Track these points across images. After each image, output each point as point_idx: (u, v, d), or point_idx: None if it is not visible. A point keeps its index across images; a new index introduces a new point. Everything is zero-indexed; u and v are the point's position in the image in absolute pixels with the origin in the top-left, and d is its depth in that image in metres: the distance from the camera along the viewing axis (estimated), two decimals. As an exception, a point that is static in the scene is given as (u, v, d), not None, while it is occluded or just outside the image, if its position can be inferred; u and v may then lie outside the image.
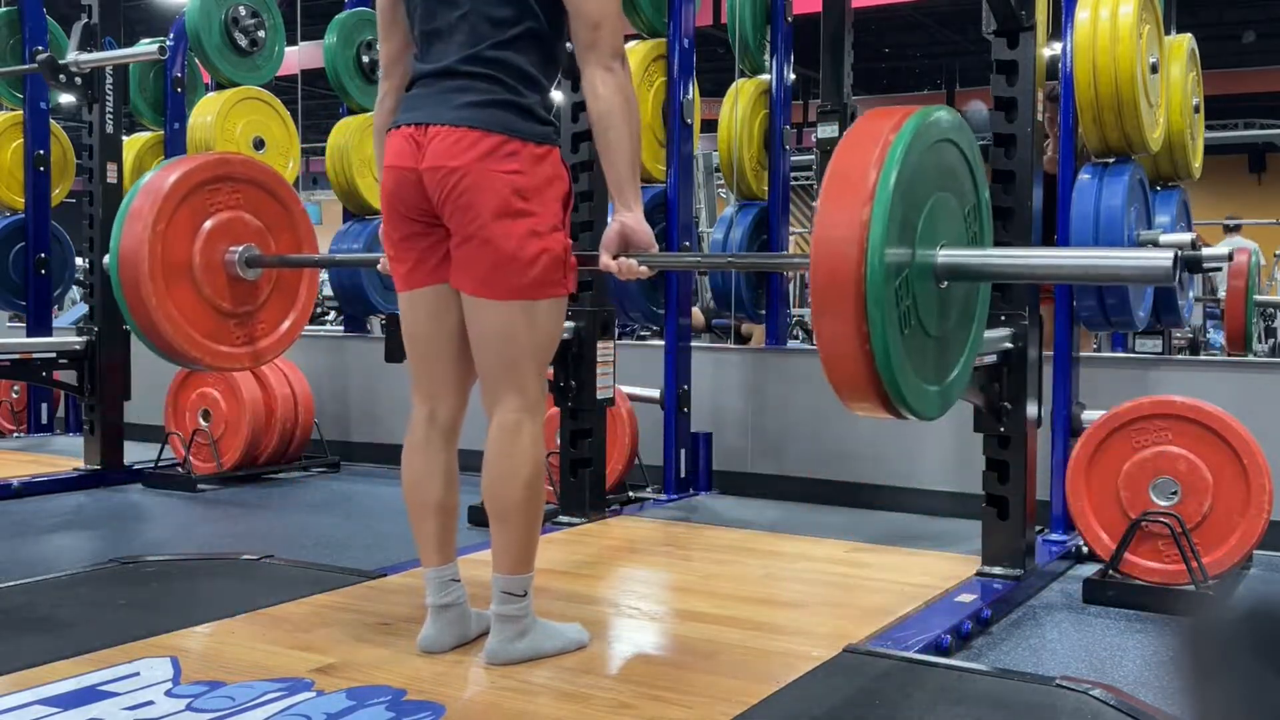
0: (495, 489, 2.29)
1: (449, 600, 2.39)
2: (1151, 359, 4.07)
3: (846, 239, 1.86)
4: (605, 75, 2.25)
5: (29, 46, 5.80)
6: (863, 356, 1.86)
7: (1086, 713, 2.11)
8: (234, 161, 2.93)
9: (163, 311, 2.72)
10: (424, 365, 2.41)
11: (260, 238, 2.92)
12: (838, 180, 1.92)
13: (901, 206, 1.90)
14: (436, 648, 2.38)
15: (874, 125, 1.96)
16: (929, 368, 2.03)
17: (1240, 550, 3.09)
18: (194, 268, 2.79)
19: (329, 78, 5.79)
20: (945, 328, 2.08)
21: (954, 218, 2.10)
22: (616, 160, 2.28)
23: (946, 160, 2.08)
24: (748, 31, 5.08)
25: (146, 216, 2.71)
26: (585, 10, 2.25)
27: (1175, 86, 3.89)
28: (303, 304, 3.06)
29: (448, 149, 2.22)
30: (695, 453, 4.47)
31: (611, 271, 2.32)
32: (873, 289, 1.83)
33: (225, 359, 2.88)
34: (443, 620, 2.39)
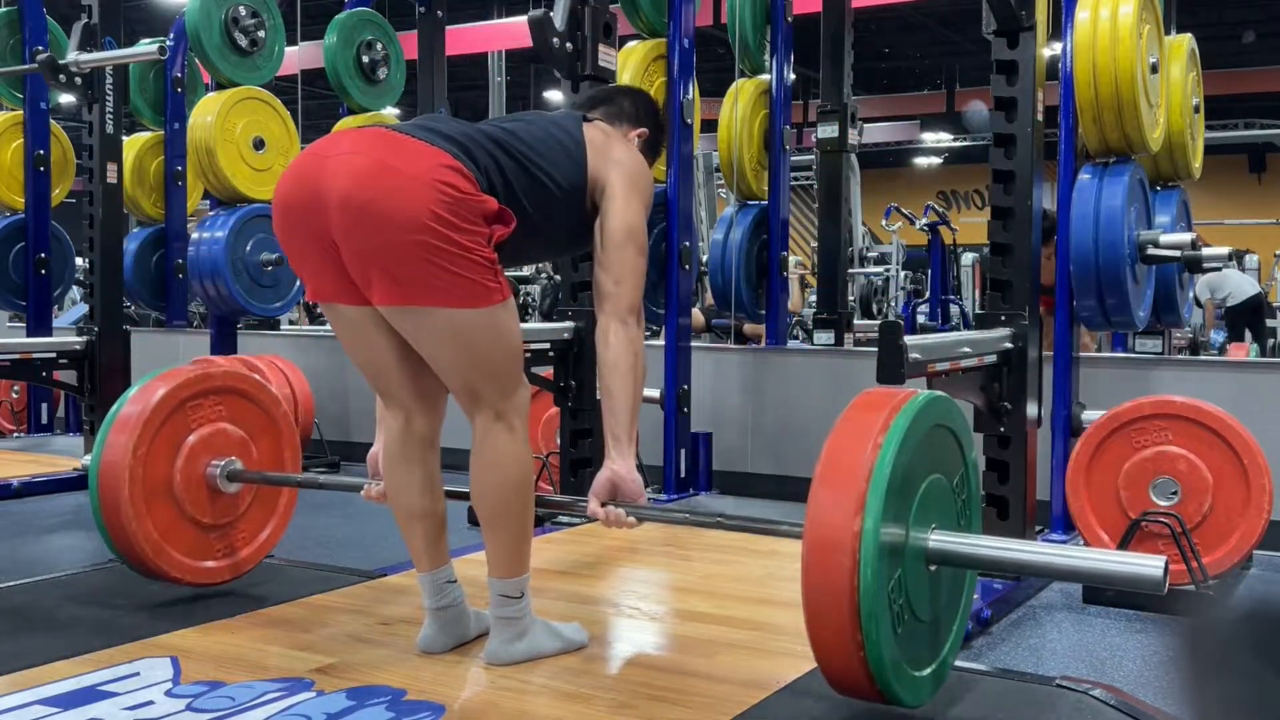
0: (483, 496, 2.28)
1: (446, 602, 2.39)
2: (1151, 359, 4.07)
3: (841, 547, 1.85)
4: (619, 328, 2.30)
5: (29, 46, 5.80)
6: (859, 665, 1.87)
7: (1086, 713, 2.11)
8: (214, 374, 2.88)
9: (142, 534, 2.68)
10: (379, 384, 2.35)
11: (242, 448, 2.88)
12: (831, 477, 1.92)
13: (895, 506, 1.88)
14: (436, 648, 2.37)
15: (866, 418, 1.94)
16: (922, 653, 2.02)
17: (1240, 550, 3.09)
18: (175, 486, 2.74)
19: (329, 78, 5.80)
20: (937, 608, 2.05)
21: (944, 495, 2.06)
22: (616, 410, 2.32)
23: (938, 442, 2.04)
24: (748, 31, 5.08)
25: (126, 444, 2.66)
26: (613, 266, 2.30)
27: (1175, 86, 3.89)
28: (282, 510, 3.00)
29: (365, 148, 2.12)
30: (695, 452, 4.47)
31: (598, 519, 2.31)
32: (866, 604, 1.82)
33: (205, 575, 2.81)
34: (441, 621, 2.39)
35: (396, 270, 2.10)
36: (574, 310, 3.83)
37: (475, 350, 2.19)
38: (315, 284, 2.25)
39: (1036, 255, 3.20)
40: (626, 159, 2.39)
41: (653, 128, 2.60)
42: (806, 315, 7.63)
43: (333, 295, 2.22)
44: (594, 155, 2.35)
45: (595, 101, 2.63)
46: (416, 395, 2.34)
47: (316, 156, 2.17)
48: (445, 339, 2.17)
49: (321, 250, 2.16)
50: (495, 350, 2.22)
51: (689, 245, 4.39)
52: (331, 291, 2.22)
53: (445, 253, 2.08)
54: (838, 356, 4.88)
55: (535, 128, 2.34)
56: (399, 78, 6.08)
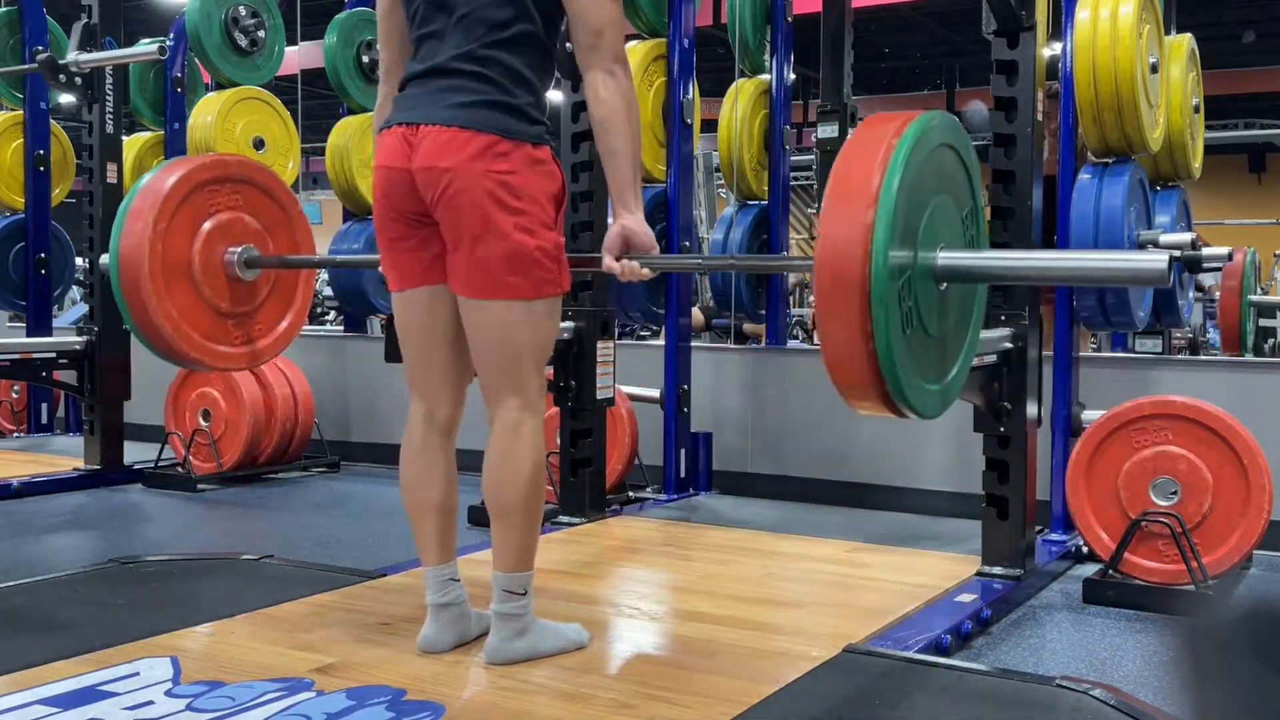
0: (496, 487, 2.29)
1: (448, 599, 2.39)
2: (1151, 359, 4.07)
3: (850, 241, 1.87)
4: (607, 79, 2.25)
5: (29, 46, 5.80)
6: (867, 357, 1.88)
7: (1086, 713, 2.11)
8: (232, 163, 2.92)
9: (162, 312, 2.70)
10: (419, 365, 2.40)
11: (258, 239, 2.91)
12: (841, 184, 1.94)
13: (904, 210, 1.91)
14: (436, 647, 2.37)
15: (876, 130, 1.97)
16: (930, 367, 2.05)
17: (1240, 550, 3.09)
18: (193, 268, 2.78)
19: (329, 78, 5.80)
20: (945, 328, 2.10)
21: (952, 221, 2.11)
22: (618, 163, 2.28)
23: (946, 165, 2.10)
24: (748, 31, 5.08)
25: (147, 216, 2.69)
26: (587, 15, 2.25)
27: (1175, 86, 3.89)
28: (300, 304, 3.05)
29: (439, 149, 2.21)
30: (695, 453, 4.47)
31: (614, 273, 2.32)
32: (877, 290, 1.85)
33: (224, 359, 2.86)
34: (442, 619, 2.39)
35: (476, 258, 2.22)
36: (574, 310, 3.82)
37: (532, 336, 2.28)
38: (401, 269, 2.35)
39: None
40: None
41: None
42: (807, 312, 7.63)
43: (417, 280, 2.33)
44: None
45: None
46: (449, 381, 2.40)
47: (399, 170, 2.27)
48: (501, 320, 2.26)
49: (417, 230, 2.30)
50: (539, 339, 2.31)
51: (689, 245, 4.39)
52: (417, 276, 2.33)
53: (511, 242, 2.20)
54: (838, 356, 4.87)
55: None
56: (399, 78, 6.07)
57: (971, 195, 2.20)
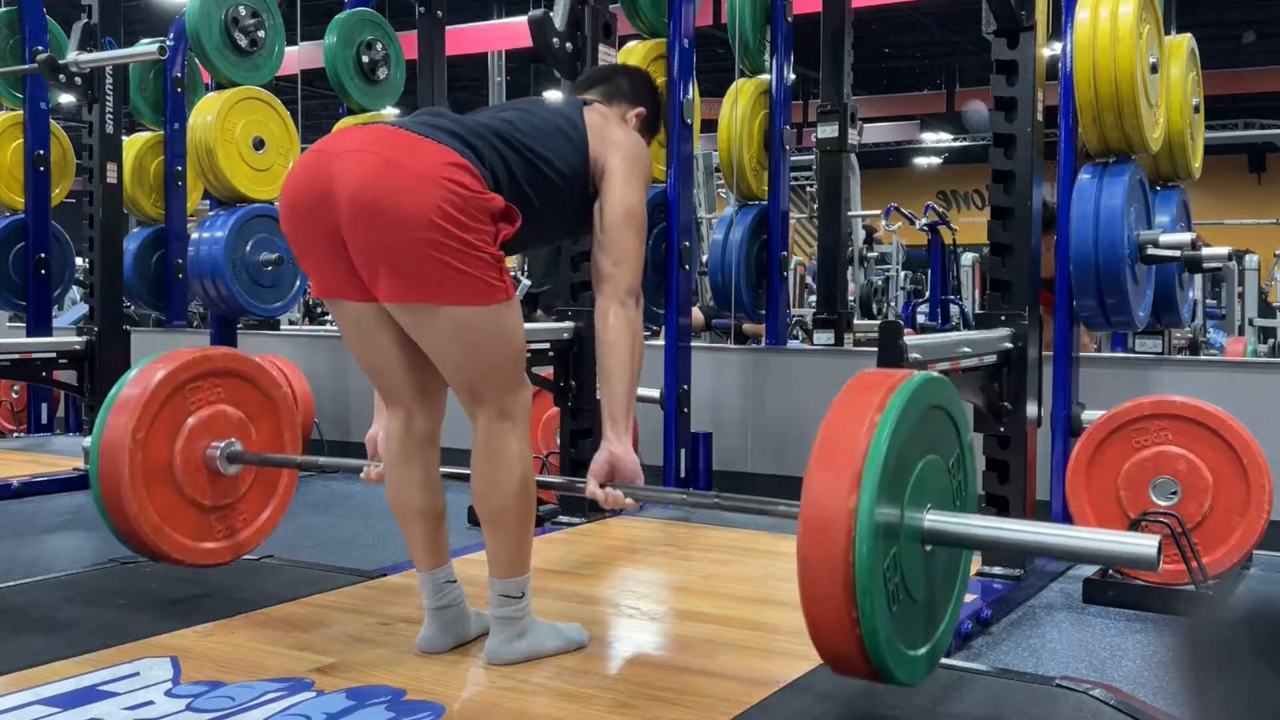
0: (484, 496, 2.27)
1: (445, 602, 2.39)
2: (1151, 359, 4.07)
3: (837, 525, 1.83)
4: (618, 310, 2.33)
5: (29, 46, 5.80)
6: (854, 641, 1.86)
7: (1086, 713, 2.11)
8: (214, 356, 2.90)
9: (144, 518, 2.67)
10: (381, 382, 2.37)
11: (241, 430, 2.88)
12: (828, 455, 1.93)
13: (890, 485, 1.87)
14: (436, 648, 2.37)
15: (865, 395, 1.96)
16: (917, 633, 2.00)
17: (1240, 550, 3.09)
18: (175, 468, 2.74)
19: (329, 78, 5.80)
20: (932, 588, 2.04)
21: (940, 474, 2.07)
22: (613, 389, 2.33)
23: (934, 423, 2.04)
24: (748, 31, 5.08)
25: (125, 425, 2.65)
26: (612, 248, 2.33)
27: (1175, 86, 3.89)
28: (282, 492, 3.01)
29: (373, 146, 2.13)
30: (695, 452, 4.47)
31: (597, 500, 2.33)
32: (862, 579, 1.81)
33: (206, 556, 2.82)
34: (441, 621, 2.39)
35: (403, 266, 2.11)
36: (574, 310, 3.82)
37: (479, 348, 2.20)
38: (321, 280, 2.25)
39: (1036, 254, 3.20)
40: (624, 140, 2.42)
41: (650, 106, 2.63)
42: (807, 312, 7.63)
43: (339, 291, 2.23)
44: (593, 139, 2.37)
45: (592, 81, 2.65)
46: (418, 393, 2.34)
47: (324, 154, 2.18)
48: (450, 336, 2.18)
49: (329, 246, 2.17)
50: (498, 348, 2.23)
51: (689, 245, 4.39)
52: (338, 287, 2.23)
53: (452, 250, 2.09)
54: (838, 356, 4.88)
55: (535, 116, 2.35)
56: (399, 78, 6.08)
57: (959, 442, 2.14)
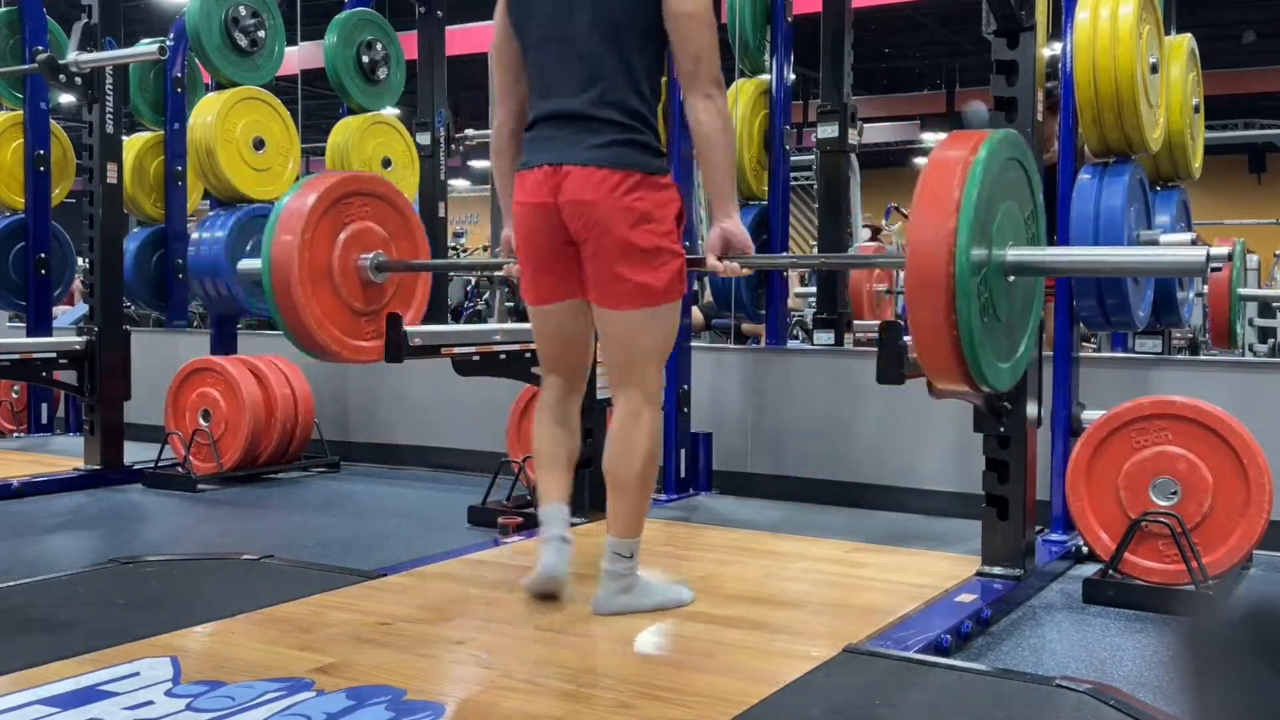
0: (617, 464, 2.64)
1: (567, 535, 2.70)
2: (1151, 359, 4.07)
3: (937, 243, 2.21)
4: (705, 103, 2.56)
5: (29, 46, 5.80)
6: (952, 342, 2.23)
7: (1086, 713, 2.11)
8: (363, 178, 3.36)
9: (309, 312, 3.10)
10: (556, 360, 2.81)
11: (385, 245, 3.32)
12: (929, 196, 2.27)
13: (981, 216, 2.25)
14: (556, 572, 2.65)
15: (955, 149, 2.33)
16: (1002, 348, 2.42)
17: (1240, 550, 3.09)
18: (333, 273, 3.19)
19: (329, 78, 5.80)
20: (1013, 314, 2.47)
21: (1017, 222, 2.46)
22: (716, 175, 2.60)
23: (1011, 175, 2.43)
24: (748, 31, 5.08)
25: (295, 228, 3.09)
26: (687, 45, 2.56)
27: (1175, 86, 3.89)
28: (419, 301, 3.48)
29: (582, 185, 2.55)
30: (695, 453, 4.47)
31: (717, 272, 2.64)
32: (960, 285, 2.20)
33: (360, 353, 3.26)
34: (562, 552, 2.67)
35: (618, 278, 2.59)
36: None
37: (658, 336, 2.65)
38: (550, 285, 2.71)
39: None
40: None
41: None
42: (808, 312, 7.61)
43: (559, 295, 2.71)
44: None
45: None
46: (579, 368, 2.85)
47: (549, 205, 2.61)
48: (639, 326, 2.62)
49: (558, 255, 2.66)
50: (665, 337, 2.68)
51: (689, 245, 4.38)
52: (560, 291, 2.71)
53: (653, 263, 2.58)
54: (838, 356, 4.88)
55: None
56: (399, 78, 6.09)
57: (1032, 198, 2.53)
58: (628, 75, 2.58)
